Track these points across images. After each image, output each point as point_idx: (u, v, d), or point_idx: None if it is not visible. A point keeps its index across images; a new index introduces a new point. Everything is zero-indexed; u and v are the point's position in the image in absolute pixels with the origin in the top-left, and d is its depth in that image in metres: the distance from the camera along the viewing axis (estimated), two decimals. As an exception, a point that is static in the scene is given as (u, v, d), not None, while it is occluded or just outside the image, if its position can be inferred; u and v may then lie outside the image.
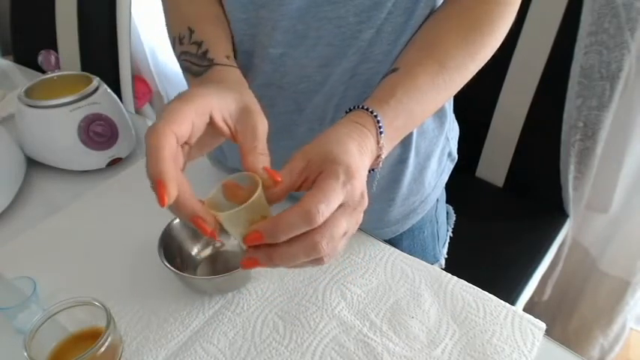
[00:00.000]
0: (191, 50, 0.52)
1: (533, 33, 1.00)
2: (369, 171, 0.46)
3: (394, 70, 0.49)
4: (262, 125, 0.44)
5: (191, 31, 0.53)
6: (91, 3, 1.32)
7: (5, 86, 1.10)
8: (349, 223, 0.39)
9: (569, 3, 0.93)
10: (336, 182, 0.38)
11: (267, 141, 0.68)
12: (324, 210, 0.36)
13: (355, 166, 0.39)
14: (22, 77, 1.20)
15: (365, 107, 0.45)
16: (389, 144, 0.47)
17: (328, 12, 0.51)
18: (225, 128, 0.43)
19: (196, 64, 0.51)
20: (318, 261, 0.39)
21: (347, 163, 0.39)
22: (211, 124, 0.42)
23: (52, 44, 1.38)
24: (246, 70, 0.59)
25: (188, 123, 0.40)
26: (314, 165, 0.40)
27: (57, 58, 0.85)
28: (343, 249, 0.42)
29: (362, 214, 0.41)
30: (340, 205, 0.38)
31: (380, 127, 0.44)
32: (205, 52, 0.51)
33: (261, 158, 0.42)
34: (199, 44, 0.52)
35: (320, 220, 0.36)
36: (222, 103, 0.43)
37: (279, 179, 0.40)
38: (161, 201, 0.37)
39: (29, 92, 0.80)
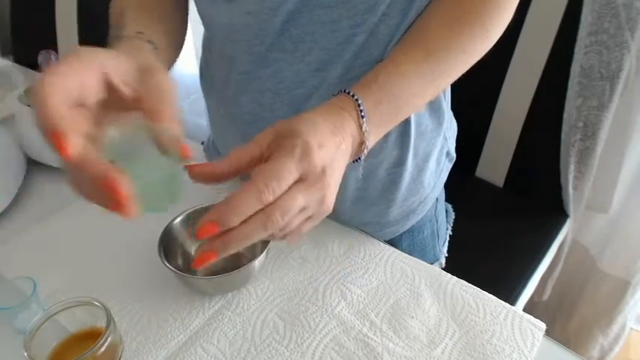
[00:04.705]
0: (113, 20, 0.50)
1: (533, 33, 1.00)
2: (354, 161, 0.46)
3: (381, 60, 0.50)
4: (167, 84, 0.39)
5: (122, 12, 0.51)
6: (91, 3, 1.33)
7: (5, 86, 1.10)
8: (308, 199, 0.38)
9: (569, 3, 0.93)
10: (290, 158, 0.37)
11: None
12: (275, 187, 0.35)
13: (316, 142, 0.38)
14: (22, 77, 1.20)
15: (347, 91, 0.45)
16: (375, 130, 0.46)
17: (322, 16, 0.51)
18: (126, 91, 0.37)
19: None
20: (273, 235, 0.38)
21: (305, 138, 0.38)
22: (110, 87, 0.37)
23: (52, 44, 1.38)
24: (233, 77, 0.58)
25: (74, 75, 0.35)
26: (279, 139, 0.40)
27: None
28: (307, 229, 0.40)
29: (327, 192, 0.39)
30: (297, 180, 0.37)
31: (361, 111, 0.44)
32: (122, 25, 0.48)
33: (169, 127, 0.37)
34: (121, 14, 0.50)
35: (270, 197, 0.35)
36: (115, 62, 0.37)
37: (190, 155, 0.37)
38: (63, 152, 0.32)
39: (29, 92, 0.80)
